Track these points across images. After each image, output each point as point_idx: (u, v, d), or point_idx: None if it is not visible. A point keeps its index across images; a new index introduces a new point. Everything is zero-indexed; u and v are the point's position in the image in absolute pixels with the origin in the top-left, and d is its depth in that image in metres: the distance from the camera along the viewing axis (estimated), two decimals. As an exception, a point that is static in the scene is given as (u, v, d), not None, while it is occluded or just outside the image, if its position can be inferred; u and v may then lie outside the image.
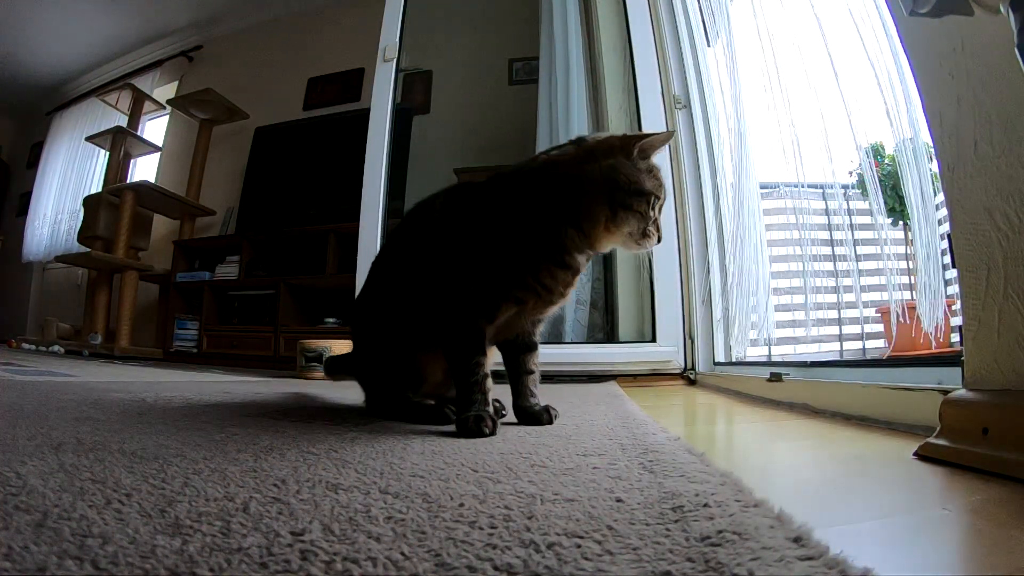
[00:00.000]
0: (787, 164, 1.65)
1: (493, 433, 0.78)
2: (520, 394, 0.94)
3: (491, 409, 0.83)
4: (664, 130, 0.84)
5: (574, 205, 0.80)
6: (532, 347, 0.94)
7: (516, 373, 0.94)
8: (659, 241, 0.84)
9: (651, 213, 0.81)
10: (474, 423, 0.78)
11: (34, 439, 0.63)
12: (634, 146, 0.80)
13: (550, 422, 0.90)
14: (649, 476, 0.52)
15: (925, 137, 1.18)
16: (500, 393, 1.09)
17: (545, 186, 0.82)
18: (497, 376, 0.88)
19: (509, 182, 0.86)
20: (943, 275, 1.24)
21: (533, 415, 0.91)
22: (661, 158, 0.85)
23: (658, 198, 0.81)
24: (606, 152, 0.81)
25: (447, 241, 0.86)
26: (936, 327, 1.24)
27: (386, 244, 1.07)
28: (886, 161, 1.41)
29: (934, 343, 1.26)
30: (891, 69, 1.25)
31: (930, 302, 1.25)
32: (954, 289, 1.06)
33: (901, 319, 1.35)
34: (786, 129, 1.62)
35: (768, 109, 1.72)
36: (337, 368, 1.27)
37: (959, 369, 0.69)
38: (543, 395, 0.96)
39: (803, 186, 1.60)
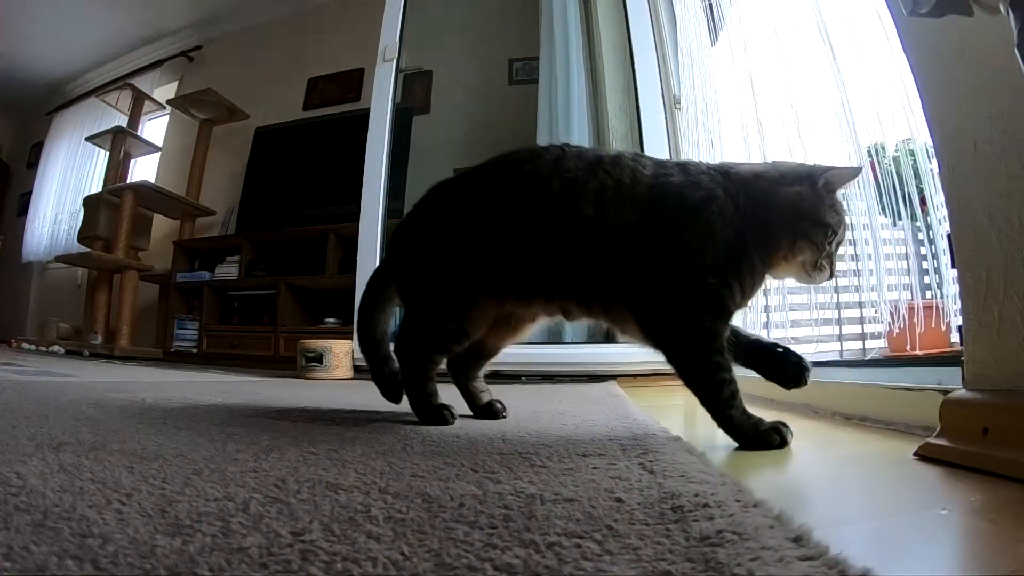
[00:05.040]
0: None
1: None
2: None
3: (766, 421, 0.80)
4: (852, 166, 0.83)
5: (763, 226, 0.80)
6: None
7: None
8: (831, 277, 0.84)
9: (826, 247, 0.81)
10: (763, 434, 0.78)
11: (34, 439, 0.63)
12: (820, 176, 0.81)
13: None
14: (649, 476, 0.52)
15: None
16: (500, 393, 1.10)
17: (749, 199, 0.81)
18: (498, 376, 0.87)
19: (731, 182, 0.82)
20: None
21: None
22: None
23: (835, 233, 0.82)
24: (794, 179, 0.81)
25: (674, 224, 0.80)
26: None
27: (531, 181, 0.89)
28: (887, 161, 1.41)
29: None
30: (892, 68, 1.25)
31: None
32: (954, 289, 1.06)
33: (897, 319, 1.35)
34: (790, 126, 1.62)
35: (768, 105, 1.72)
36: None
37: (959, 369, 0.69)
38: (543, 395, 0.96)
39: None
